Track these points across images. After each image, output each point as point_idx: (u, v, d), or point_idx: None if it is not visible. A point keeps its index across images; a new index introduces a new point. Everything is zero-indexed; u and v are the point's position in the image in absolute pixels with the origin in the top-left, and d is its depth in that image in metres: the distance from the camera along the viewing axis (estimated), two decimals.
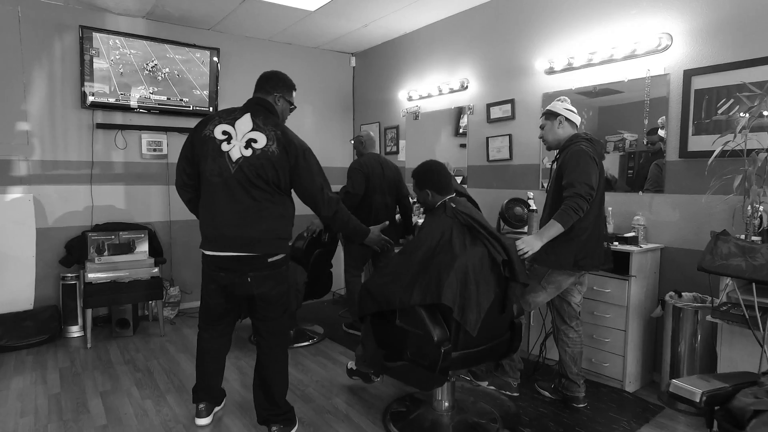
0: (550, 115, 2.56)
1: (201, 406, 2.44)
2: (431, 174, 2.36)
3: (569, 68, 3.29)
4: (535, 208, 3.26)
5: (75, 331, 3.82)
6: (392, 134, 4.97)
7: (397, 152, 4.93)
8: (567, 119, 2.52)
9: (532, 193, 3.49)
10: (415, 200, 2.49)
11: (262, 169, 2.09)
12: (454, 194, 2.36)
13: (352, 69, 5.52)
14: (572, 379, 2.60)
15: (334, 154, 5.44)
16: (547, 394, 2.73)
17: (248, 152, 2.09)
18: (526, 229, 3.31)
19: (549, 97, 3.44)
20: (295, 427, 2.36)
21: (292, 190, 2.24)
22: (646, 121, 2.93)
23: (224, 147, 2.11)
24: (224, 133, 2.12)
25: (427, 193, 2.32)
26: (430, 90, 4.43)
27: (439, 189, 2.31)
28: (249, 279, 2.15)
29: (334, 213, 2.24)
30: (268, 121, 2.15)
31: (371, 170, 3.69)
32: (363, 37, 4.88)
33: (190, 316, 4.33)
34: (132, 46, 4.09)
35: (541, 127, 2.61)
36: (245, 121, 2.13)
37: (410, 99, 4.70)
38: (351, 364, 2.90)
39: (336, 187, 5.06)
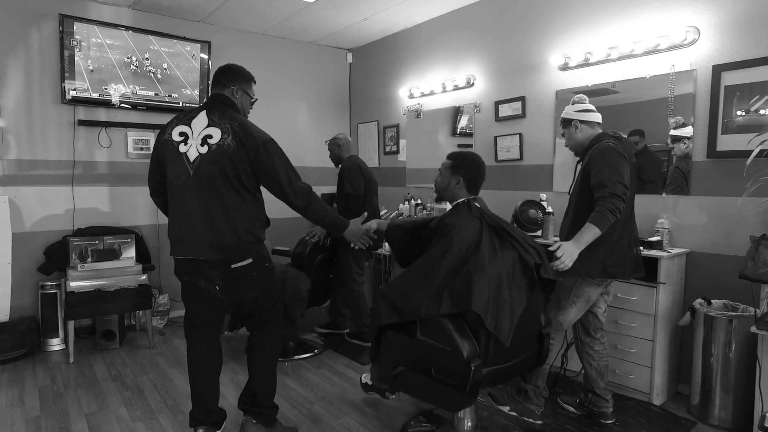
0: (565, 123, 2.41)
1: (200, 430, 2.19)
2: (474, 165, 2.19)
3: (585, 64, 3.14)
4: (551, 210, 3.10)
5: (55, 344, 3.53)
6: (392, 133, 4.78)
7: (397, 152, 4.74)
8: (583, 122, 2.36)
9: (545, 195, 3.34)
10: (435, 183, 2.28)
11: (219, 164, 1.96)
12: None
13: (349, 65, 5.31)
14: (600, 394, 2.43)
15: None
16: (571, 409, 2.57)
17: (204, 149, 1.98)
18: (540, 233, 3.15)
19: (563, 95, 3.29)
20: (271, 430, 2.26)
21: (262, 187, 2.10)
22: (670, 119, 2.79)
23: (181, 148, 2.00)
24: (181, 134, 2.03)
25: (458, 180, 2.15)
26: (433, 87, 4.24)
27: (472, 183, 2.16)
28: (217, 287, 2.05)
29: (306, 204, 2.10)
30: (224, 115, 2.03)
31: (367, 171, 3.54)
32: (361, 32, 4.68)
33: (179, 325, 4.06)
34: (117, 38, 3.82)
35: (562, 135, 2.45)
36: (201, 119, 2.03)
37: (411, 96, 4.51)
38: (366, 378, 2.69)
39: (323, 189, 4.94)
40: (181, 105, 4.17)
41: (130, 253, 3.71)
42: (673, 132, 2.81)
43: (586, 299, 2.29)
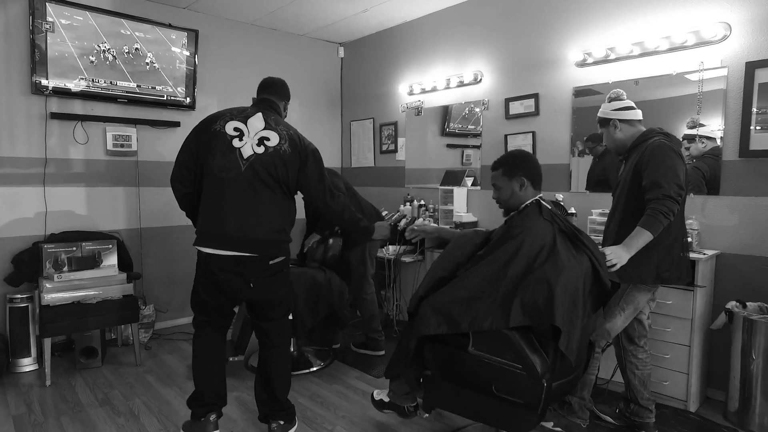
0: (603, 123, 2.29)
1: (212, 417, 2.21)
2: (527, 159, 2.04)
3: (604, 60, 3.04)
4: (573, 211, 2.98)
5: (27, 365, 3.14)
6: (389, 131, 4.58)
7: (395, 150, 4.54)
8: (622, 120, 2.24)
9: (561, 196, 3.22)
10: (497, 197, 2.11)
11: (273, 167, 2.07)
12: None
13: (340, 60, 5.08)
14: (644, 405, 2.32)
15: (321, 153, 4.95)
16: (609, 419, 2.45)
17: (260, 150, 2.07)
18: None
19: (581, 92, 3.19)
20: (296, 426, 2.34)
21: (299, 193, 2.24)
22: (698, 118, 2.72)
23: (236, 143, 2.06)
24: (236, 129, 2.08)
25: (520, 182, 1.98)
26: (435, 83, 4.07)
27: (536, 178, 2.01)
28: (251, 285, 2.10)
29: (342, 209, 2.27)
30: (279, 121, 2.17)
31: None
32: (357, 25, 4.46)
33: (166, 338, 3.73)
34: (94, 22, 3.45)
35: (600, 135, 2.33)
36: (258, 120, 2.12)
37: (411, 93, 4.33)
38: (380, 395, 2.47)
39: None
40: (165, 98, 3.83)
41: (112, 260, 3.35)
42: (687, 131, 2.75)
43: (635, 306, 2.17)
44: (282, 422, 2.27)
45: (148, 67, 3.72)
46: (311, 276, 3.00)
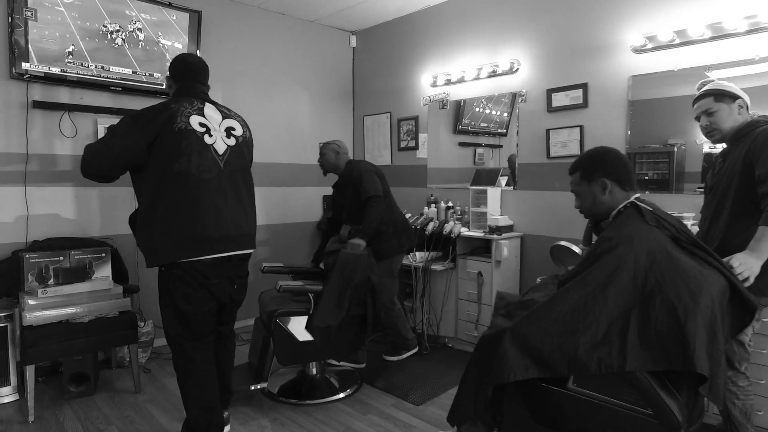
0: (725, 97, 1.93)
1: (226, 414, 2.24)
2: (608, 157, 1.68)
3: (669, 45, 2.72)
4: None
5: (5, 395, 2.68)
6: (409, 126, 4.21)
7: (415, 147, 4.17)
8: (743, 105, 1.93)
9: None
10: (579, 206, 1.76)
11: (243, 157, 2.09)
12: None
13: (352, 50, 4.69)
14: None
15: None
16: None
17: (232, 142, 2.03)
18: None
19: (639, 81, 2.86)
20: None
21: None
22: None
23: (207, 140, 1.95)
24: (201, 125, 1.95)
25: (602, 185, 1.64)
26: (464, 73, 3.71)
27: (624, 177, 1.64)
28: (235, 286, 2.10)
29: None
30: (225, 107, 2.11)
31: (382, 174, 3.13)
32: (373, 11, 4.08)
33: (167, 357, 3.28)
34: None
35: (709, 113, 1.97)
36: (212, 110, 2.02)
37: (435, 84, 3.96)
38: None
39: (327, 190, 4.32)
40: (163, 87, 3.40)
41: (105, 271, 2.91)
42: None
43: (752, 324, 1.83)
44: (227, 412, 2.30)
45: (145, 50, 3.28)
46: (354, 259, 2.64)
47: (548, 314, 1.51)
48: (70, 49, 2.98)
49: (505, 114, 3.77)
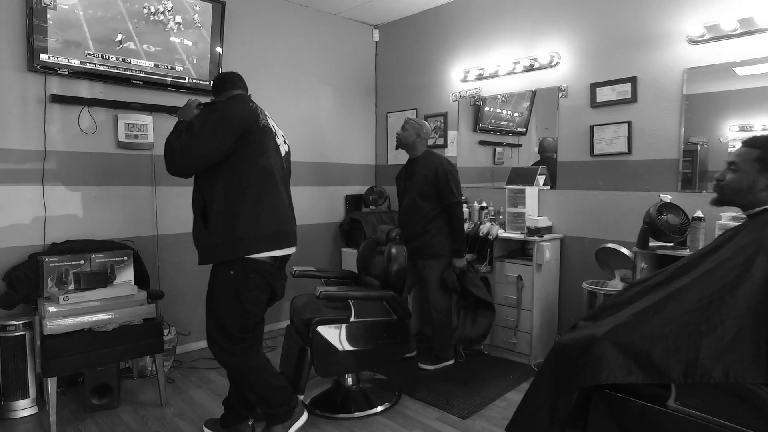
0: None
1: (301, 397, 2.27)
2: None
3: (730, 34, 2.55)
4: (701, 215, 2.49)
5: (25, 408, 2.51)
6: (437, 123, 4.04)
7: (444, 146, 4.00)
8: None
9: (669, 196, 2.72)
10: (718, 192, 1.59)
11: (289, 163, 2.26)
12: None
13: (375, 44, 4.52)
14: None
15: (354, 148, 4.43)
16: None
17: (286, 147, 2.21)
18: (688, 242, 2.53)
19: (695, 74, 2.70)
20: None
21: None
22: None
23: (278, 141, 2.12)
24: (273, 126, 2.12)
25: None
26: (498, 67, 3.55)
27: None
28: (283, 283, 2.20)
29: None
30: None
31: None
32: (398, 4, 3.93)
33: (190, 366, 3.13)
34: None
35: None
36: (269, 116, 2.11)
37: (465, 80, 3.80)
38: None
39: (349, 189, 4.17)
40: (186, 81, 3.23)
41: (127, 275, 2.74)
42: None
43: None
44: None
45: (168, 42, 3.12)
46: None
47: (661, 313, 1.36)
48: (91, 38, 2.81)
49: (526, 113, 3.61)
